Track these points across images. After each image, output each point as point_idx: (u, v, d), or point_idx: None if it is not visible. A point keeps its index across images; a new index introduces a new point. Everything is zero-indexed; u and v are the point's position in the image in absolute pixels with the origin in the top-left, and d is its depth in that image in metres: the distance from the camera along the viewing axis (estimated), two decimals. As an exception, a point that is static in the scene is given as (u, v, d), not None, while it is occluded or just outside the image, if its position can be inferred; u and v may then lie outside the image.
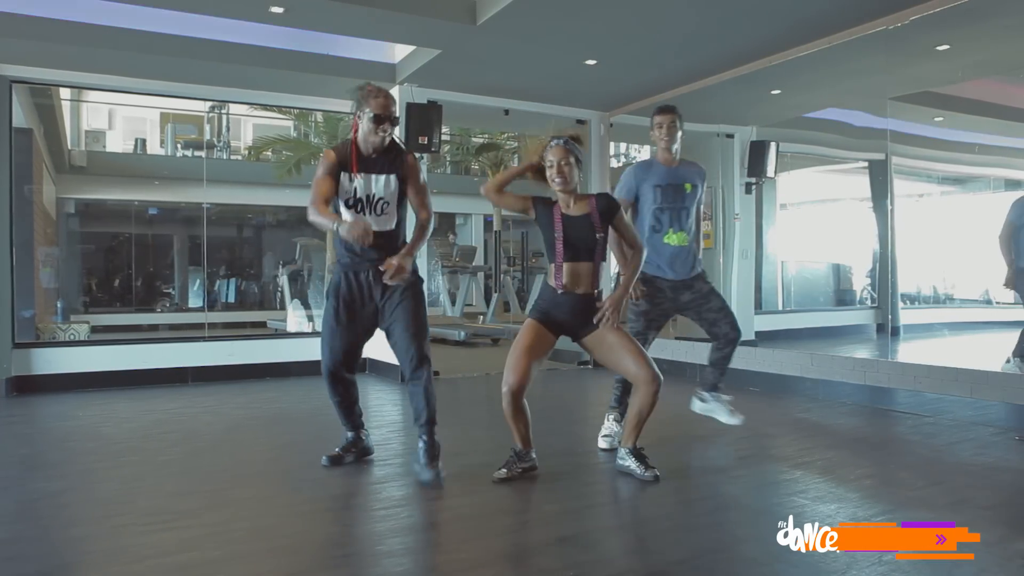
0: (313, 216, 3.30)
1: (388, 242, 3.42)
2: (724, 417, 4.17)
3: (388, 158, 3.43)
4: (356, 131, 3.41)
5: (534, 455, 3.42)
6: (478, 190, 3.74)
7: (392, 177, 3.42)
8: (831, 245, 8.24)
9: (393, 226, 3.47)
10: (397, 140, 3.51)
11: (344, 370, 3.56)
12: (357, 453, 3.71)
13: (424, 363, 3.39)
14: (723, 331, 4.01)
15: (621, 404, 4.00)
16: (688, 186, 3.97)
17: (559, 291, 3.34)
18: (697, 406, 4.30)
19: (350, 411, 3.69)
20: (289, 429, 4.65)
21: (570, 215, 3.34)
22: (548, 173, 3.35)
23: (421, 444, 3.39)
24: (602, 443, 3.98)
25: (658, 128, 3.97)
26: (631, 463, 3.38)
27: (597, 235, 3.30)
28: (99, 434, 4.47)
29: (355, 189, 3.39)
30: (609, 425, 4.01)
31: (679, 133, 3.98)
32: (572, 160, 3.33)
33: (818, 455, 3.84)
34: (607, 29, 5.18)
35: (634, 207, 4.03)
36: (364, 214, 3.39)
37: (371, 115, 3.31)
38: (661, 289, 3.96)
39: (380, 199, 3.42)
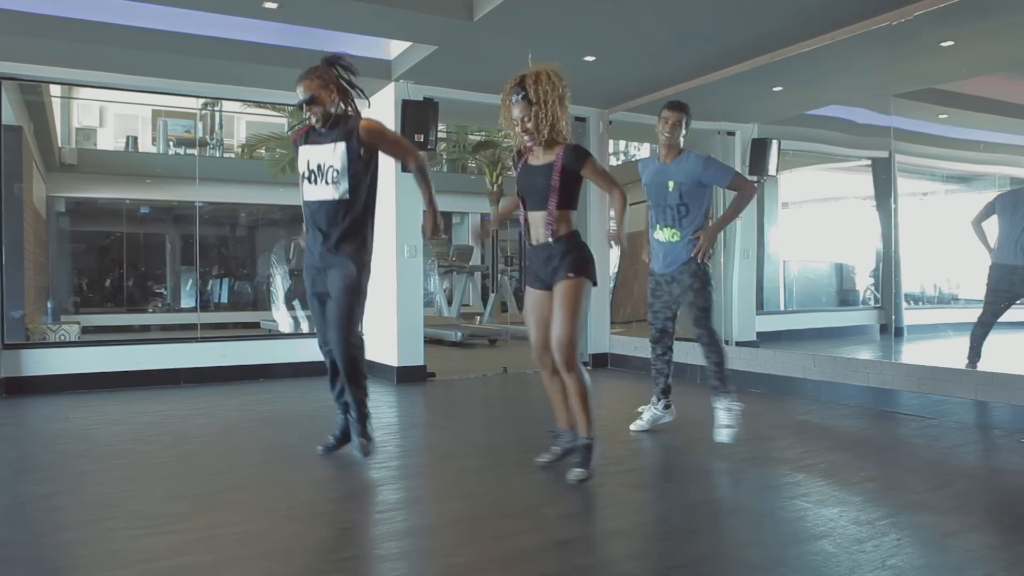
0: None
1: (339, 213, 3.45)
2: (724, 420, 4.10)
3: (343, 129, 3.45)
4: None
5: (572, 436, 3.49)
6: (475, 188, 3.77)
7: (342, 144, 3.42)
8: (834, 244, 8.16)
9: (347, 196, 3.45)
10: (351, 111, 3.54)
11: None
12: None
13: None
14: (696, 332, 4.09)
15: (664, 395, 4.33)
16: (671, 184, 4.01)
17: (528, 244, 3.40)
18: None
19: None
20: (283, 431, 4.61)
21: (532, 164, 3.36)
22: (516, 130, 3.32)
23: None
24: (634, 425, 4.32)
25: (663, 123, 4.03)
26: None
27: (551, 182, 3.27)
28: (90, 436, 4.43)
29: (306, 162, 3.49)
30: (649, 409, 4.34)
31: (682, 132, 4.04)
32: (534, 112, 3.26)
33: (820, 458, 3.81)
34: (606, 25, 5.13)
35: None
36: (317, 184, 3.45)
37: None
38: (659, 283, 4.18)
39: (330, 167, 3.43)
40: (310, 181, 3.48)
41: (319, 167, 3.45)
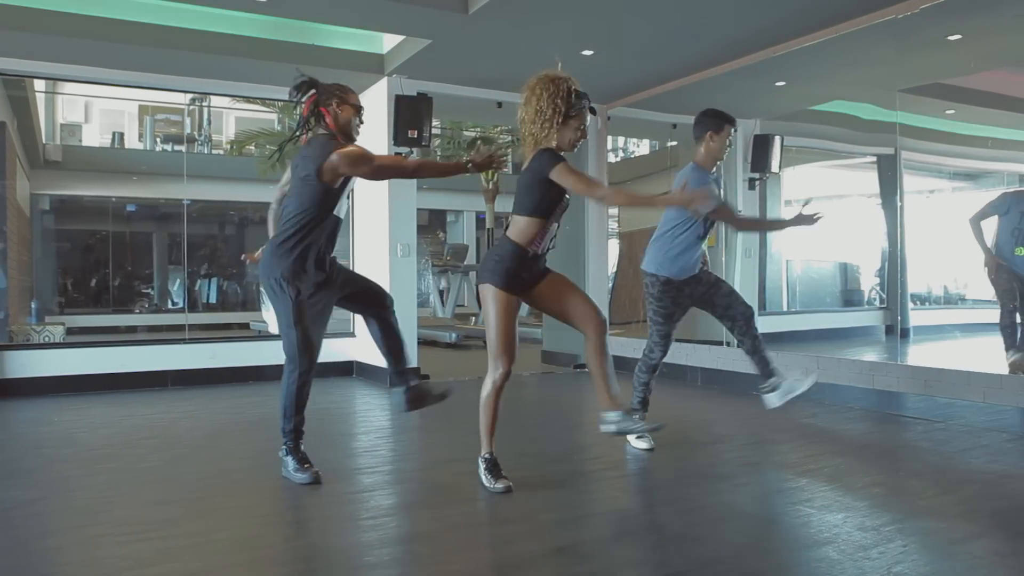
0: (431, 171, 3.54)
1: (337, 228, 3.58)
2: (805, 385, 3.98)
3: None
4: (334, 124, 3.44)
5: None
6: (470, 186, 3.68)
7: None
8: (838, 243, 8.14)
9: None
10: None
11: None
12: None
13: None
14: (739, 309, 4.03)
15: (644, 407, 4.12)
16: (721, 194, 4.12)
17: (530, 254, 3.19)
18: (770, 402, 4.07)
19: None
20: (273, 435, 4.44)
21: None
22: (576, 135, 3.22)
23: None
24: (641, 444, 3.95)
25: (729, 138, 4.04)
26: (628, 423, 3.31)
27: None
28: (75, 440, 4.38)
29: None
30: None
31: None
32: None
33: (824, 462, 3.76)
34: (604, 18, 5.07)
35: None
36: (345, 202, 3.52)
37: (356, 107, 3.51)
38: (681, 290, 4.02)
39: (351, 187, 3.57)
40: (347, 198, 3.55)
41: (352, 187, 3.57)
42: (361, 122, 3.54)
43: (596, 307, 3.31)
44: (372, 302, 3.68)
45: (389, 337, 3.71)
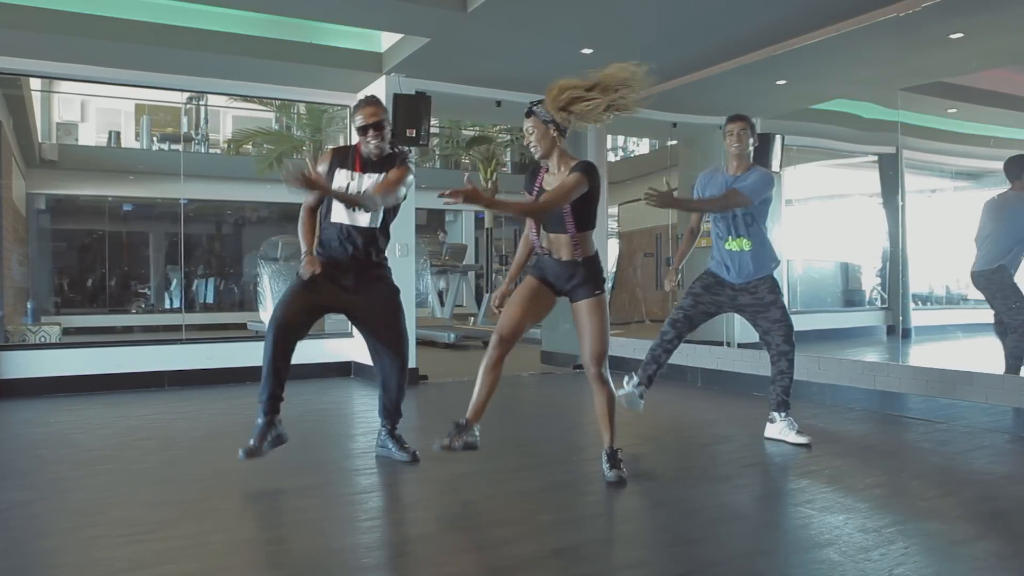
0: (300, 225, 3.67)
1: (368, 238, 3.66)
2: (795, 439, 4.09)
3: (386, 163, 3.66)
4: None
5: (477, 433, 3.34)
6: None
7: (381, 176, 3.61)
8: (839, 243, 8.15)
9: (377, 224, 3.66)
10: (398, 149, 3.77)
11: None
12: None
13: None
14: (775, 341, 4.11)
15: (648, 383, 4.19)
16: None
17: (542, 253, 3.36)
18: (768, 430, 4.22)
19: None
20: (270, 435, 4.48)
21: (544, 187, 3.32)
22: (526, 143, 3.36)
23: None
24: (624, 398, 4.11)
25: (729, 136, 4.15)
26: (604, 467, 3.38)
27: (563, 209, 3.21)
28: (71, 441, 4.36)
29: (349, 185, 3.61)
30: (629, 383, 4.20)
31: (750, 142, 4.17)
32: (542, 129, 3.27)
33: (825, 463, 3.75)
34: (604, 16, 5.05)
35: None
36: (352, 210, 3.60)
37: (357, 126, 3.62)
38: (722, 283, 4.15)
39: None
40: (347, 206, 3.61)
41: (358, 193, 3.60)
42: (367, 139, 3.57)
43: (597, 347, 3.35)
44: (386, 362, 3.83)
45: (388, 392, 3.86)
